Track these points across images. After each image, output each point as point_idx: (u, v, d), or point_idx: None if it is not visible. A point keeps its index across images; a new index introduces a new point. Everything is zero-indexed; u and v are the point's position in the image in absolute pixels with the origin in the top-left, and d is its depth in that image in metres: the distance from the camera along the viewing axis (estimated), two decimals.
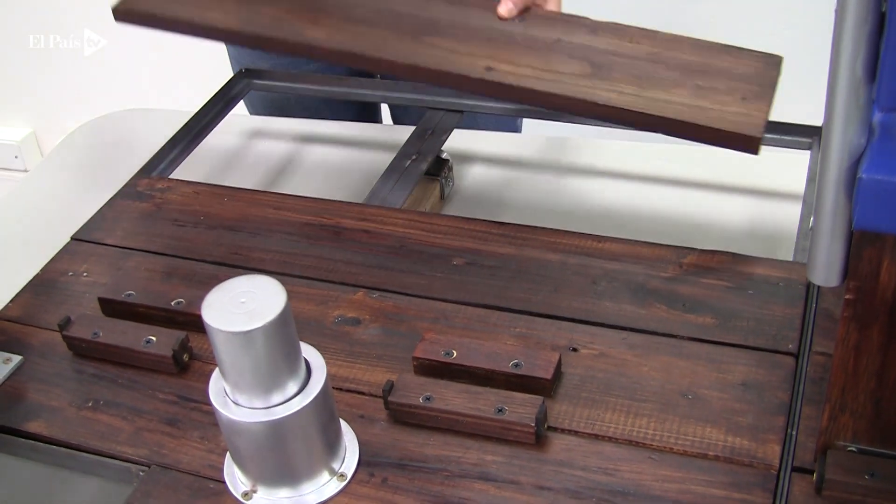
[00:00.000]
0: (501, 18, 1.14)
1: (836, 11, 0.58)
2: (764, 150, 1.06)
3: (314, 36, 1.14)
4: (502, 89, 1.07)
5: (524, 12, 1.15)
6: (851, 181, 0.63)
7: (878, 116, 0.61)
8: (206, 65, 1.52)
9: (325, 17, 1.17)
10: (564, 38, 1.11)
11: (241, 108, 1.41)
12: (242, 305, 0.71)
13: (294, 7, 1.18)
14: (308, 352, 0.77)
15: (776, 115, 1.20)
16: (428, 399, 0.84)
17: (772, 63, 1.07)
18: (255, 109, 1.55)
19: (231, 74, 1.43)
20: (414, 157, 1.22)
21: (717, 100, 1.02)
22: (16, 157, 2.93)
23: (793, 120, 1.19)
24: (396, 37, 1.13)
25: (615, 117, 1.04)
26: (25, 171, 2.91)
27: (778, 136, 1.18)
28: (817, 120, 1.12)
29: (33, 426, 0.89)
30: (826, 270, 0.68)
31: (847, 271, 0.67)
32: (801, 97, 1.53)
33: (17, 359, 0.96)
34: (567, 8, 1.19)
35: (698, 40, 1.10)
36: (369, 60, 1.12)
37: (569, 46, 1.10)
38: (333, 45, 1.13)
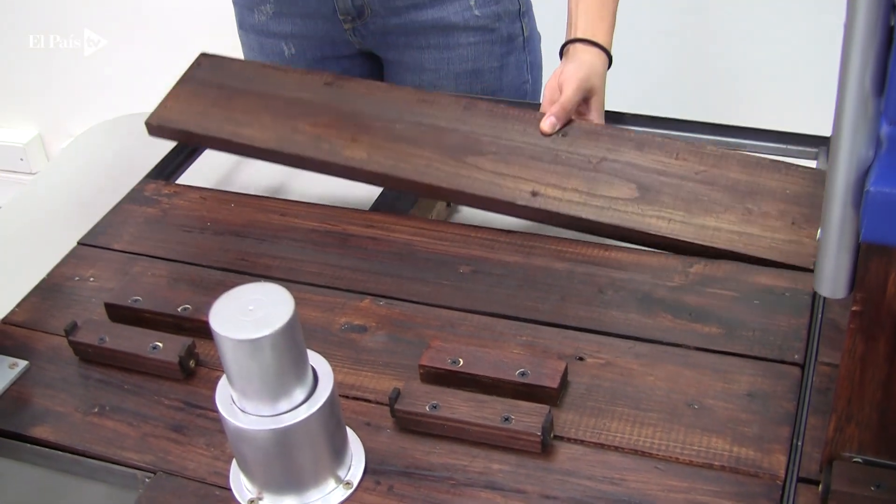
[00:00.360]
0: (544, 134, 1.12)
1: (845, 25, 0.58)
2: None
3: (354, 156, 1.12)
4: (549, 216, 1.06)
5: (567, 124, 1.13)
6: (859, 193, 0.63)
7: (885, 129, 0.61)
8: None
9: (364, 134, 1.15)
10: (610, 155, 1.09)
11: None
12: (250, 313, 0.71)
13: (333, 122, 1.17)
14: (315, 359, 0.77)
15: (782, 124, 1.20)
16: (434, 407, 0.84)
17: (821, 179, 1.05)
18: None
19: None
20: None
21: (768, 225, 1.01)
22: (21, 159, 2.94)
23: (798, 129, 1.19)
24: (439, 157, 1.11)
25: (664, 245, 1.03)
26: (31, 173, 2.92)
27: (784, 146, 1.18)
28: (821, 129, 1.13)
29: (39, 431, 0.89)
30: (833, 282, 0.68)
31: (854, 283, 0.67)
32: (806, 106, 1.53)
33: (23, 364, 0.96)
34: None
35: (746, 156, 1.08)
36: (413, 184, 1.11)
37: (614, 165, 1.08)
38: (374, 168, 1.11)
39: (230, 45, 1.58)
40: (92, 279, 1.06)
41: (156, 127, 1.22)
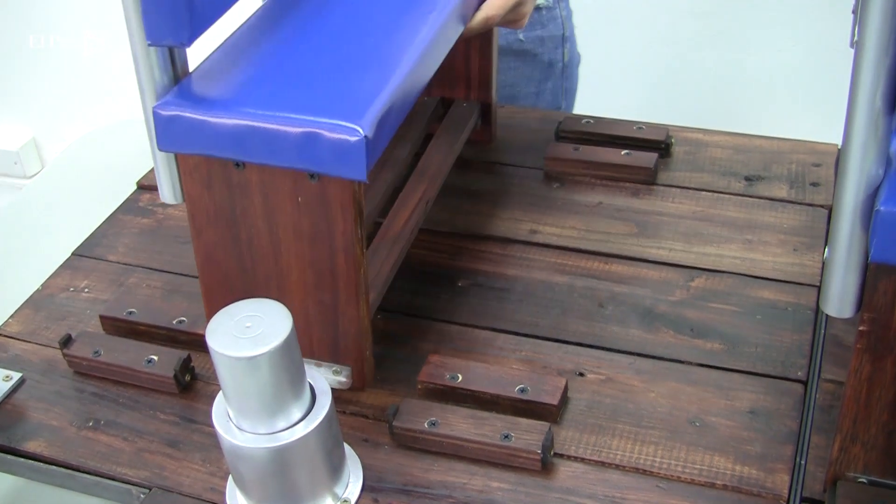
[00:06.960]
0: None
1: (857, 42, 0.57)
2: None
3: None
4: (548, 251, 1.07)
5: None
6: (868, 213, 0.62)
7: None
8: None
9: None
10: (606, 200, 1.12)
11: None
12: (247, 330, 0.70)
13: None
14: (313, 376, 0.76)
15: (787, 134, 1.20)
16: (433, 424, 0.83)
17: (817, 216, 1.08)
18: None
19: None
20: None
21: (769, 252, 1.03)
22: (15, 163, 2.92)
23: (804, 138, 1.19)
24: (434, 206, 1.12)
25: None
26: (25, 177, 2.90)
27: None
28: (827, 138, 1.13)
29: (33, 445, 0.88)
30: (840, 301, 0.67)
31: (861, 302, 0.67)
32: (811, 117, 1.52)
33: (16, 376, 0.94)
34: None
35: (742, 199, 1.11)
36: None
37: (611, 208, 1.11)
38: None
39: None
40: (86, 290, 1.05)
41: (147, 187, 1.22)
